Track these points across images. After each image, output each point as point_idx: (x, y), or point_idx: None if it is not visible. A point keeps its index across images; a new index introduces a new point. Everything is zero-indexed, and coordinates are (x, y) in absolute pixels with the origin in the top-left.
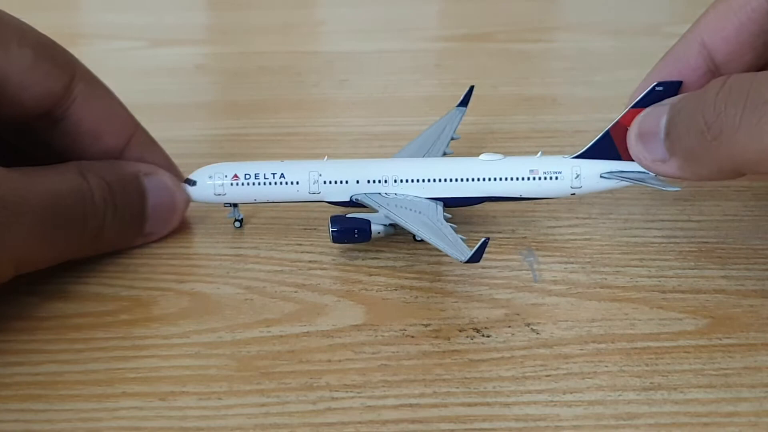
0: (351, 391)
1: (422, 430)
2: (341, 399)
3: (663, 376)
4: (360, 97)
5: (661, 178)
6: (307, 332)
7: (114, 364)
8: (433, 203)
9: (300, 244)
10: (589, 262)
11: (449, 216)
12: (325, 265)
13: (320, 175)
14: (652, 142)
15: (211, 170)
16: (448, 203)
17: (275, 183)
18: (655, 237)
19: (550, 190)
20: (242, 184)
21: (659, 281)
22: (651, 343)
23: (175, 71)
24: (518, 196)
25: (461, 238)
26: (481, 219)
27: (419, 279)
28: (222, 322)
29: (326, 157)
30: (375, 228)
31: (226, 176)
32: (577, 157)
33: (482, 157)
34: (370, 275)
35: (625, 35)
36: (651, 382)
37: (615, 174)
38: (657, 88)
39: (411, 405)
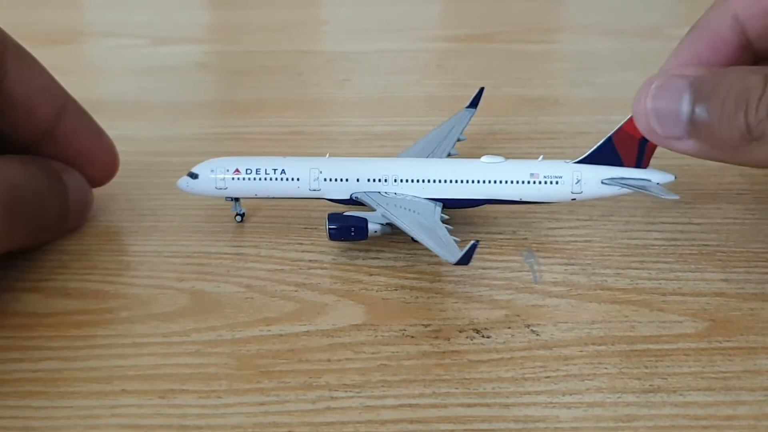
0: (350, 391)
1: (421, 430)
2: (340, 398)
3: (662, 378)
4: (361, 97)
5: (663, 186)
6: (307, 331)
7: (114, 361)
8: (431, 204)
9: (300, 244)
10: (589, 264)
11: (446, 217)
12: (325, 265)
13: (321, 172)
14: (668, 119)
15: (213, 164)
16: (448, 204)
17: (276, 179)
18: (655, 239)
19: (550, 194)
20: (244, 178)
21: (659, 284)
22: (651, 346)
23: (177, 69)
24: (518, 199)
25: (455, 240)
26: (482, 220)
27: (419, 279)
28: (222, 320)
29: (328, 154)
30: (372, 227)
31: (228, 170)
32: (579, 162)
33: (483, 159)
34: (370, 275)
35: (627, 37)
36: (650, 385)
37: (616, 180)
38: None
39: (410, 405)
